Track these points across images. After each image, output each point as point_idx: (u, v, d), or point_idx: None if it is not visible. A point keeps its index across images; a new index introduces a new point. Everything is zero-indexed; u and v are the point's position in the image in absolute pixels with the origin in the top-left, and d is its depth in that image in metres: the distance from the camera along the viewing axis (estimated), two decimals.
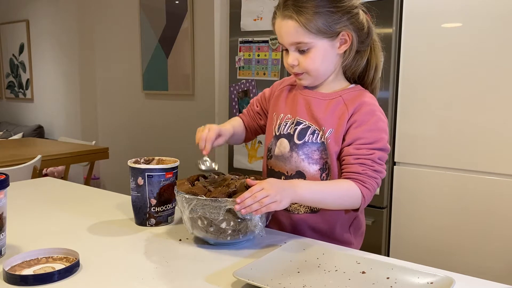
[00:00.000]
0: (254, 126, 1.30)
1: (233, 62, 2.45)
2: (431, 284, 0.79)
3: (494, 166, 1.76)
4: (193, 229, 0.99)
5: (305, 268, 0.88)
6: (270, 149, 1.18)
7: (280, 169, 1.15)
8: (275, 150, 1.16)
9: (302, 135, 1.11)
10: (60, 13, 4.58)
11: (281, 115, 1.17)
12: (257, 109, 1.29)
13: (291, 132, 1.13)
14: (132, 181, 1.13)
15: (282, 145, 1.14)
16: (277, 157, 1.15)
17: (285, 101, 1.19)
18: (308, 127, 1.11)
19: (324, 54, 1.06)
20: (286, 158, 1.13)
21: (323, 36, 1.04)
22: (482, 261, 1.80)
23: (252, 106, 1.31)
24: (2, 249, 0.93)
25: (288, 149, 1.13)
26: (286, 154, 1.13)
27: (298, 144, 1.11)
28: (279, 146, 1.15)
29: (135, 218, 1.16)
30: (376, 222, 2.01)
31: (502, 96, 1.72)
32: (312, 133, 1.10)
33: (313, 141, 1.10)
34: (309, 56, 1.05)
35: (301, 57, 1.06)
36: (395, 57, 1.94)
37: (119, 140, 4.12)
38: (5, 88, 5.44)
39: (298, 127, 1.12)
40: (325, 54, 1.06)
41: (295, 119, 1.13)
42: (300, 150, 1.11)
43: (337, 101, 1.10)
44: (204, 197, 0.95)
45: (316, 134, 1.09)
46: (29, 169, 2.59)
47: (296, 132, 1.12)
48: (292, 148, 1.12)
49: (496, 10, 1.70)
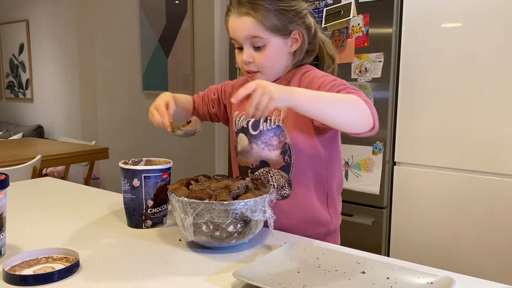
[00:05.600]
0: (204, 110, 1.33)
1: (233, 62, 2.45)
2: (431, 284, 0.79)
3: (494, 166, 1.76)
4: (196, 235, 0.95)
5: (305, 268, 0.87)
6: (236, 147, 1.22)
7: (245, 164, 1.18)
8: (238, 147, 1.20)
9: (256, 126, 1.14)
10: (60, 13, 4.58)
11: (235, 112, 1.21)
12: (214, 96, 1.32)
13: (245, 126, 1.16)
14: (125, 183, 1.11)
15: (241, 140, 1.18)
16: (241, 153, 1.19)
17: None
18: None
19: (278, 51, 1.09)
20: (248, 152, 1.16)
21: (278, 34, 1.07)
22: (482, 261, 1.80)
23: (210, 91, 1.34)
24: (2, 249, 0.93)
25: (247, 142, 1.16)
26: (247, 148, 1.16)
27: (255, 135, 1.14)
28: (239, 142, 1.19)
29: (129, 221, 1.13)
30: (376, 222, 2.01)
31: (502, 96, 1.72)
32: (265, 120, 1.13)
33: (267, 128, 1.13)
34: (264, 53, 1.08)
35: (256, 54, 1.09)
36: (395, 57, 1.94)
37: (119, 140, 4.12)
38: (5, 88, 5.44)
39: (251, 119, 1.15)
40: (279, 52, 1.09)
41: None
42: (258, 140, 1.14)
43: (280, 81, 1.12)
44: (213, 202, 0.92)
45: (269, 121, 1.13)
46: (29, 169, 2.59)
47: (249, 124, 1.16)
48: (250, 140, 1.15)
49: (496, 10, 1.70)
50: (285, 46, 1.10)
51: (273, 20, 1.05)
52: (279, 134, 1.11)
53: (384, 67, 1.94)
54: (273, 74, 1.13)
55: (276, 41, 1.08)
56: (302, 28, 1.10)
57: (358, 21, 1.98)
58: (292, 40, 1.10)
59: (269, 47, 1.08)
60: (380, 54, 1.94)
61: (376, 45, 1.95)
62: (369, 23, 1.96)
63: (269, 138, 1.12)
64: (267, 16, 1.05)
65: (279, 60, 1.11)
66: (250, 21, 1.05)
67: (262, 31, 1.06)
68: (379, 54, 1.94)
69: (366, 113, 0.95)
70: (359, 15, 1.98)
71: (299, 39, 1.10)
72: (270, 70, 1.11)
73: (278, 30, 1.07)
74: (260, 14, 1.04)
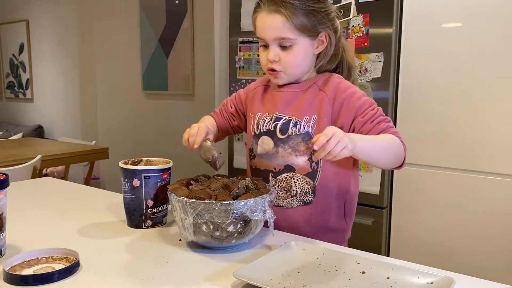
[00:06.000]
0: (226, 126, 1.31)
1: (233, 62, 2.45)
2: (431, 284, 0.79)
3: (494, 166, 1.76)
4: (196, 235, 0.96)
5: (305, 268, 0.87)
6: (252, 149, 1.19)
7: (266, 167, 1.15)
8: (257, 149, 1.17)
9: (284, 130, 1.12)
10: (60, 13, 4.58)
11: (258, 114, 1.19)
12: (232, 109, 1.30)
13: (272, 129, 1.14)
14: (125, 183, 1.11)
15: (264, 143, 1.15)
16: (261, 156, 1.16)
17: (260, 100, 1.21)
18: (289, 121, 1.12)
19: (304, 52, 1.09)
20: (272, 155, 1.14)
21: (306, 34, 1.07)
22: (482, 261, 1.80)
23: (226, 106, 1.32)
24: (2, 249, 0.93)
25: (272, 145, 1.14)
26: (271, 151, 1.14)
27: (282, 139, 1.12)
28: (261, 144, 1.16)
29: (129, 221, 1.14)
30: (376, 222, 2.01)
31: (502, 96, 1.72)
32: (294, 125, 1.11)
33: (296, 133, 1.11)
34: (291, 53, 1.08)
35: (282, 53, 1.08)
36: (395, 57, 1.94)
37: (119, 140, 4.12)
38: (5, 88, 5.44)
39: (279, 122, 1.13)
40: (305, 52, 1.09)
41: (274, 115, 1.15)
42: (285, 145, 1.12)
43: (312, 88, 1.12)
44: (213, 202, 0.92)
45: (298, 126, 1.11)
46: (29, 169, 2.59)
47: (277, 128, 1.13)
48: (277, 144, 1.13)
49: (496, 10, 1.70)
50: (311, 47, 1.10)
51: (302, 19, 1.05)
52: (307, 140, 1.10)
53: (384, 67, 1.94)
54: (296, 74, 1.12)
55: (303, 41, 1.07)
56: (330, 30, 1.09)
57: (358, 21, 1.98)
58: (318, 42, 1.10)
59: (296, 47, 1.07)
60: (380, 54, 1.94)
61: (376, 45, 1.95)
62: (369, 23, 1.96)
63: (297, 143, 1.11)
64: (297, 15, 1.04)
65: (304, 61, 1.11)
66: (280, 19, 1.05)
67: (291, 30, 1.05)
68: (379, 54, 1.94)
69: (402, 155, 1.05)
70: (359, 15, 1.98)
71: (325, 41, 1.10)
72: (294, 70, 1.11)
73: (307, 30, 1.06)
74: (290, 12, 1.04)
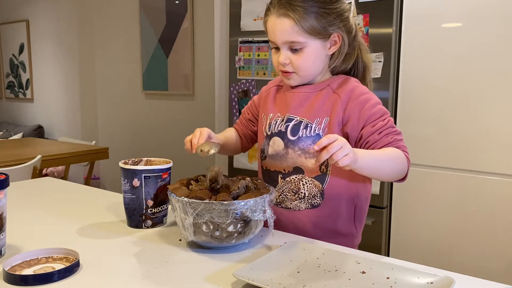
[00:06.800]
0: (249, 133, 1.31)
1: (233, 62, 2.45)
2: (431, 284, 0.79)
3: (494, 166, 1.76)
4: (196, 235, 0.96)
5: (305, 268, 0.87)
6: (263, 150, 1.19)
7: (276, 168, 1.15)
8: (268, 150, 1.17)
9: (295, 131, 1.12)
10: (60, 13, 4.58)
11: (270, 114, 1.19)
12: (249, 116, 1.30)
13: (283, 130, 1.14)
14: (125, 183, 1.11)
15: (275, 144, 1.15)
16: (272, 156, 1.16)
17: (273, 101, 1.20)
18: (300, 122, 1.12)
19: (316, 54, 1.08)
20: (282, 156, 1.14)
21: (316, 37, 1.05)
22: (482, 261, 1.80)
23: (244, 114, 1.33)
24: (2, 249, 0.93)
25: (282, 146, 1.13)
26: (281, 152, 1.14)
27: (293, 140, 1.12)
28: (272, 145, 1.16)
29: (129, 221, 1.13)
30: (376, 222, 2.01)
31: (502, 96, 1.72)
32: (305, 127, 1.11)
33: (307, 135, 1.11)
34: (301, 56, 1.07)
35: (293, 56, 1.07)
36: (395, 57, 1.94)
37: (119, 140, 4.12)
38: (5, 88, 5.44)
39: (290, 123, 1.13)
40: (316, 54, 1.08)
41: (285, 117, 1.14)
42: (295, 146, 1.12)
43: (326, 90, 1.11)
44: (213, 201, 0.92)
45: (309, 128, 1.10)
46: (29, 169, 2.59)
47: (288, 129, 1.13)
48: (287, 145, 1.13)
49: (496, 10, 1.70)
50: (323, 48, 1.08)
51: (312, 22, 1.03)
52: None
53: (384, 67, 1.94)
54: (309, 75, 1.12)
55: (314, 44, 1.06)
56: (342, 31, 1.08)
57: (358, 21, 1.98)
58: (331, 42, 1.08)
59: (307, 49, 1.06)
60: (380, 54, 1.94)
61: (376, 45, 1.95)
62: (369, 23, 1.96)
63: (307, 145, 1.10)
64: (306, 18, 1.03)
65: (316, 63, 1.09)
66: (289, 23, 1.04)
67: (300, 34, 1.04)
68: (379, 54, 1.94)
69: (404, 170, 1.05)
70: (359, 15, 1.98)
71: (338, 41, 1.09)
72: (306, 72, 1.10)
73: (317, 33, 1.05)
74: (299, 15, 1.02)
